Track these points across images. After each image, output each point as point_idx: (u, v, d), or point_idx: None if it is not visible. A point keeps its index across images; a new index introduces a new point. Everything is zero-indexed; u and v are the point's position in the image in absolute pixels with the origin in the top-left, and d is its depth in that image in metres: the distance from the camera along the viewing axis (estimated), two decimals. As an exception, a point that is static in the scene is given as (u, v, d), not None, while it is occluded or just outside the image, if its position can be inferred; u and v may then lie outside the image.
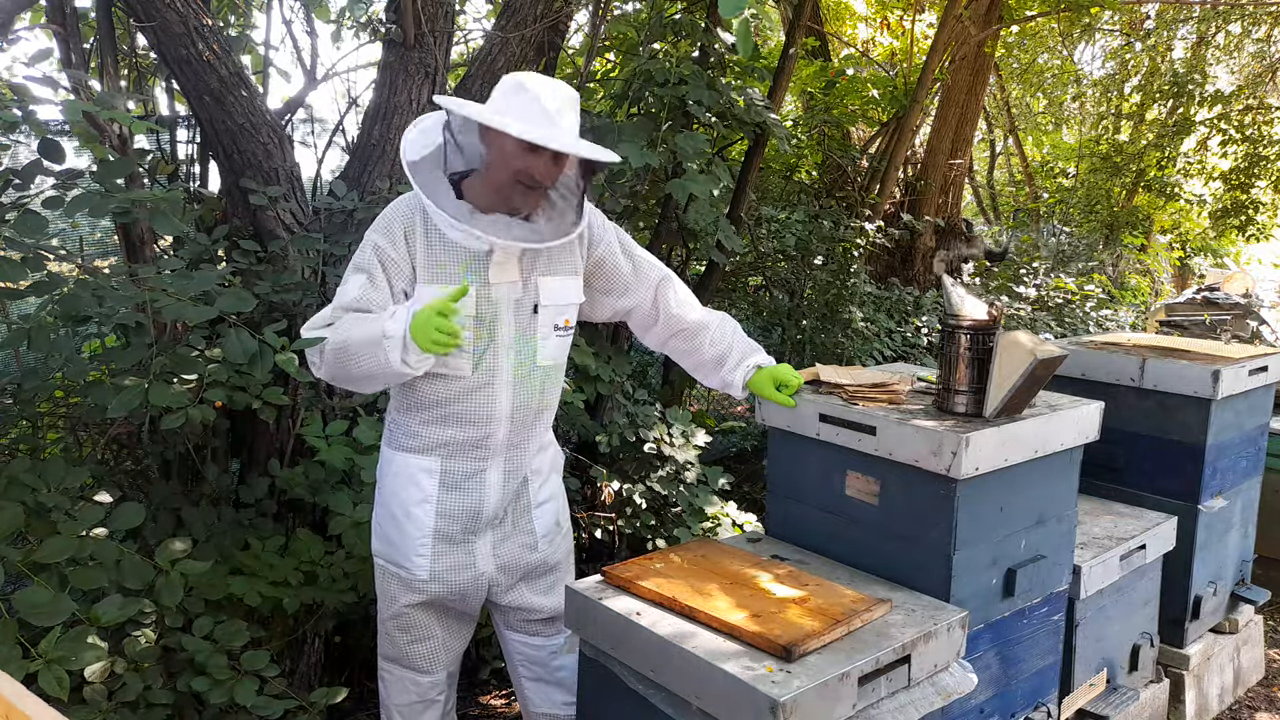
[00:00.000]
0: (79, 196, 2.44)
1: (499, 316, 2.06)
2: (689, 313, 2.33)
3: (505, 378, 2.08)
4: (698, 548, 2.21)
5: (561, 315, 2.16)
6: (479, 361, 2.05)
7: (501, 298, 2.06)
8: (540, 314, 2.11)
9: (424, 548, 2.12)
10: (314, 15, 3.74)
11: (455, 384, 2.06)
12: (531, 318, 2.10)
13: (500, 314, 2.06)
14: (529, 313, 2.09)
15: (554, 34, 3.89)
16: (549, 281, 2.12)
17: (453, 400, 2.07)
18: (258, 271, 2.88)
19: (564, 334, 2.17)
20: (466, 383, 2.06)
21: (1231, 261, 11.95)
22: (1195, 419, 2.91)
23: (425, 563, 2.13)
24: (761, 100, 4.19)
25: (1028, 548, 2.22)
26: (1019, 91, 11.79)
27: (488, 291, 2.04)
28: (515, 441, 2.15)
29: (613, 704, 1.96)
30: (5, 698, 1.04)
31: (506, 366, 2.08)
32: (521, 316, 2.09)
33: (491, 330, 2.05)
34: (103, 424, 2.77)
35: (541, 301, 2.10)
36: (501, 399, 2.09)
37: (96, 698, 2.06)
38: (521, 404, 2.11)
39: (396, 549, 2.16)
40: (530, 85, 1.97)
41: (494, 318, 2.05)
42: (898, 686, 1.81)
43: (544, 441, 2.26)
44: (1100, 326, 7.13)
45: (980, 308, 2.16)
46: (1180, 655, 3.01)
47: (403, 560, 2.15)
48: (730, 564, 2.10)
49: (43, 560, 2.02)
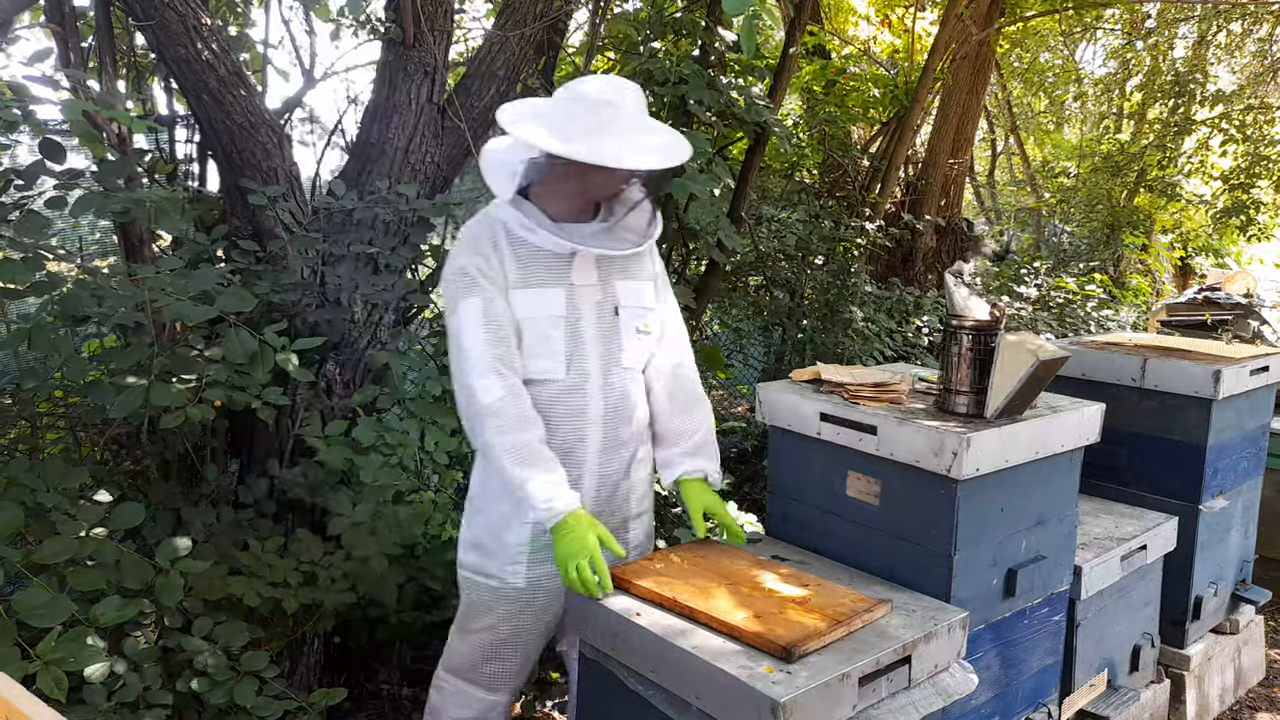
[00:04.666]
0: (81, 197, 2.44)
1: (583, 317, 2.09)
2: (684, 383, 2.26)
3: (595, 381, 2.10)
4: (698, 548, 2.20)
5: (641, 318, 2.18)
6: (570, 363, 2.07)
7: (584, 299, 2.09)
8: (621, 315, 2.14)
9: (520, 556, 2.11)
10: (313, 14, 3.73)
11: (550, 387, 2.07)
12: (613, 319, 2.13)
13: (584, 315, 2.09)
14: (610, 314, 2.12)
15: (553, 33, 3.89)
16: (626, 284, 2.15)
17: (550, 403, 2.07)
18: (257, 271, 2.88)
19: (644, 337, 2.19)
20: (560, 384, 2.07)
21: (1233, 261, 11.93)
22: (1196, 419, 2.90)
23: (522, 569, 2.11)
24: (762, 99, 4.19)
25: (1028, 548, 2.21)
26: (1020, 91, 11.77)
27: (572, 293, 2.07)
28: (608, 447, 2.15)
29: (612, 705, 1.95)
30: (5, 698, 1.04)
31: (595, 368, 2.10)
32: (604, 318, 2.12)
33: (578, 331, 2.08)
34: (102, 424, 2.77)
35: (621, 303, 2.14)
36: (594, 400, 2.10)
37: (96, 698, 2.05)
38: (612, 407, 2.13)
39: (492, 559, 2.13)
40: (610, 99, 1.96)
41: (578, 319, 2.08)
42: (898, 687, 1.80)
43: (640, 455, 2.24)
44: (1101, 326, 7.12)
45: (982, 308, 2.16)
46: (1181, 656, 3.00)
47: (497, 571, 2.12)
48: (730, 564, 2.09)
49: (42, 561, 2.02)
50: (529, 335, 2.03)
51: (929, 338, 5.91)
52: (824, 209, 5.94)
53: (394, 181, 3.19)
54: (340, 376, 3.06)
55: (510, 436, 1.96)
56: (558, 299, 2.04)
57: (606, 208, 2.13)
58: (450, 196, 3.42)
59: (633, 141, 1.95)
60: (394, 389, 2.95)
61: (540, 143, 1.93)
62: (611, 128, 1.94)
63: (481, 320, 1.99)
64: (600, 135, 1.92)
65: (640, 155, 1.95)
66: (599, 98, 1.96)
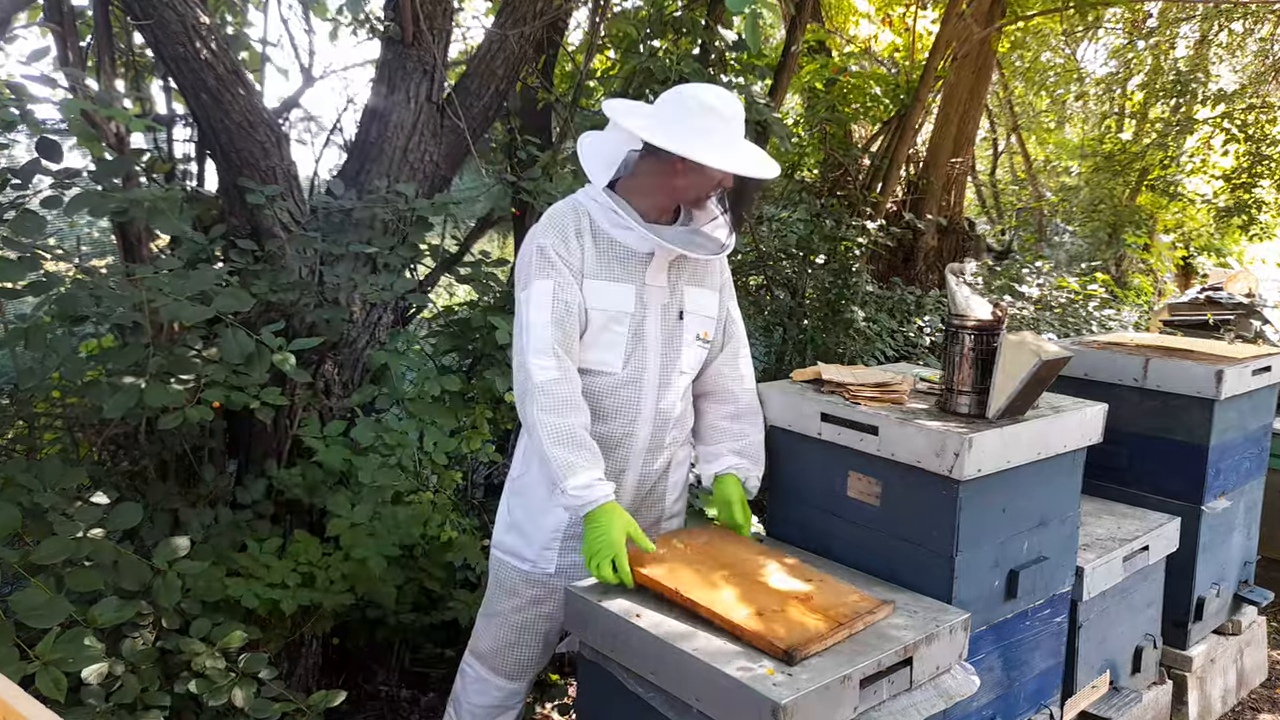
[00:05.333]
0: (78, 196, 2.43)
1: (648, 317, 2.12)
2: (741, 394, 2.30)
3: (651, 379, 2.13)
4: (702, 534, 2.19)
5: (703, 326, 2.22)
6: (628, 358, 2.10)
7: (653, 300, 2.12)
8: (685, 320, 2.17)
9: (554, 542, 2.15)
10: (311, 13, 3.73)
11: (605, 379, 2.11)
12: (677, 323, 2.17)
13: (649, 314, 2.12)
14: (675, 318, 2.16)
15: (553, 31, 3.88)
16: (694, 291, 2.19)
17: (602, 395, 2.11)
18: (255, 271, 2.87)
19: (704, 346, 2.24)
20: (616, 378, 2.11)
21: (1235, 261, 11.92)
22: (1199, 419, 2.89)
23: (553, 556, 2.16)
24: (763, 98, 4.18)
25: (1030, 549, 2.20)
26: (1021, 90, 11.76)
27: (643, 291, 2.10)
28: (653, 446, 2.19)
29: (613, 706, 1.94)
30: (3, 699, 1.04)
31: (653, 367, 2.14)
32: (668, 321, 2.15)
33: (641, 329, 2.11)
34: (100, 424, 2.76)
35: (686, 308, 2.17)
36: (647, 399, 2.14)
37: (93, 700, 2.04)
38: (664, 408, 2.16)
39: (528, 542, 2.17)
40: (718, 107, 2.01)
41: (644, 318, 2.11)
42: (900, 689, 1.79)
43: (680, 458, 2.29)
44: (1103, 326, 7.11)
45: (985, 308, 2.15)
46: (1183, 657, 2.99)
47: (530, 554, 2.17)
48: (736, 553, 2.08)
49: (40, 561, 2.01)
50: (594, 325, 2.07)
51: (930, 338, 5.90)
52: (825, 208, 5.93)
53: (393, 180, 3.18)
54: (339, 376, 3.05)
55: (555, 417, 1.97)
56: (628, 295, 2.08)
57: (686, 213, 2.18)
58: (449, 196, 3.41)
59: (735, 149, 2.02)
60: (393, 389, 2.94)
61: (647, 135, 1.98)
62: (714, 134, 1.99)
63: (550, 301, 2.01)
64: (706, 137, 1.98)
65: (739, 162, 2.01)
66: (709, 103, 2.01)
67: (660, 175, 2.06)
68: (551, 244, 2.05)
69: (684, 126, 1.99)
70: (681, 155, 1.96)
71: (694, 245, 2.11)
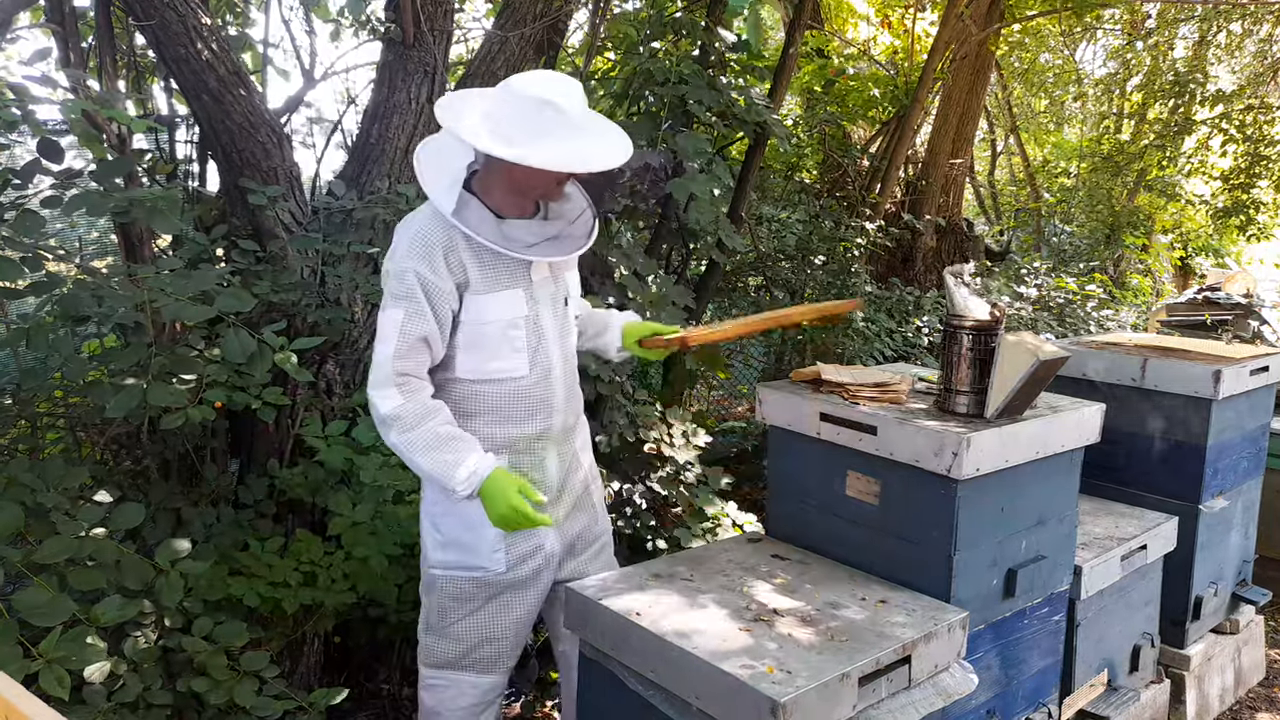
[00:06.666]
0: (77, 196, 2.43)
1: (542, 313, 2.13)
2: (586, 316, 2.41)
3: (557, 372, 2.16)
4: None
5: (579, 306, 2.32)
6: (533, 359, 2.11)
7: (542, 294, 2.14)
8: (569, 306, 2.23)
9: (499, 542, 2.14)
10: (313, 14, 3.74)
11: (513, 384, 2.11)
12: (564, 310, 2.21)
13: (542, 309, 2.13)
14: (562, 305, 2.20)
15: (553, 33, 3.89)
16: (569, 275, 2.25)
17: (516, 399, 2.12)
18: (257, 271, 2.88)
19: (577, 320, 2.32)
20: (525, 381, 2.11)
21: (1233, 261, 11.93)
22: (1196, 419, 2.90)
23: (501, 556, 2.15)
24: (762, 99, 4.19)
25: (1028, 548, 2.21)
26: (1020, 91, 11.77)
27: (532, 291, 2.11)
28: (568, 426, 2.23)
29: (613, 705, 1.95)
30: (5, 698, 1.04)
31: (556, 358, 2.16)
32: (558, 310, 2.19)
33: (538, 325, 2.12)
34: (102, 424, 2.77)
35: (570, 294, 2.24)
36: (557, 391, 2.16)
37: (96, 698, 2.05)
38: (569, 391, 2.21)
39: (472, 553, 2.14)
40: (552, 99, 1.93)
41: (538, 315, 2.12)
42: (898, 687, 1.80)
43: (582, 422, 2.35)
44: (1101, 326, 7.11)
45: (983, 308, 2.16)
46: (1181, 656, 3.00)
47: (479, 562, 2.14)
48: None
49: (42, 560, 2.02)
50: (492, 337, 2.06)
51: (929, 338, 5.91)
52: (824, 209, 5.94)
53: (394, 181, 3.19)
54: (340, 376, 3.06)
55: (413, 433, 1.97)
56: (519, 300, 2.08)
57: (545, 205, 2.14)
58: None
59: (573, 143, 1.95)
60: (394, 389, 2.94)
61: (480, 145, 1.93)
62: (550, 132, 1.92)
63: (396, 333, 1.98)
64: (539, 138, 1.92)
65: (576, 159, 1.95)
66: (542, 97, 1.93)
67: (505, 175, 2.01)
68: (414, 269, 1.98)
69: (517, 128, 1.91)
70: (514, 162, 1.90)
71: (557, 248, 2.10)
